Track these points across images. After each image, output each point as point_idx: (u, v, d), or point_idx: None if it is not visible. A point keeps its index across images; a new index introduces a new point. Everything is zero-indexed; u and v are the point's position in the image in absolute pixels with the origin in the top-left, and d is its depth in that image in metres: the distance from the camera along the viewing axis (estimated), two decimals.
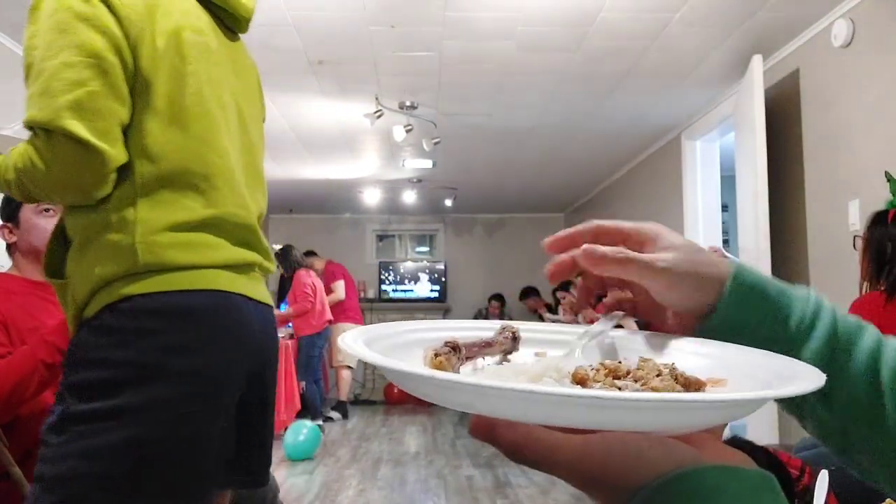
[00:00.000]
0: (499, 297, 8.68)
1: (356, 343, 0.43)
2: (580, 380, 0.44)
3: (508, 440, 0.38)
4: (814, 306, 0.53)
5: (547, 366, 0.45)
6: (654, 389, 0.42)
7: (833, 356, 0.52)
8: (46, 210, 1.95)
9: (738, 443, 1.89)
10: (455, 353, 0.46)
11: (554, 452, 0.37)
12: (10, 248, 2.00)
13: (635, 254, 0.50)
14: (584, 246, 0.50)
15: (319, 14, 3.26)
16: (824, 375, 0.41)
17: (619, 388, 0.42)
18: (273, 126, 5.05)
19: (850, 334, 0.53)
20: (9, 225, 1.99)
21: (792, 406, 0.54)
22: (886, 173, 2.86)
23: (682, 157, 5.12)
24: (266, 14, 3.24)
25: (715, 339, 0.51)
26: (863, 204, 3.06)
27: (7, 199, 2.00)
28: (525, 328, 0.53)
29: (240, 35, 1.52)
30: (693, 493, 0.35)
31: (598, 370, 0.45)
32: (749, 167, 3.70)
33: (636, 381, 0.43)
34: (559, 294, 7.16)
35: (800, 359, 0.48)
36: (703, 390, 0.44)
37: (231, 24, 1.47)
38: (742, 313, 0.52)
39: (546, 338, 0.54)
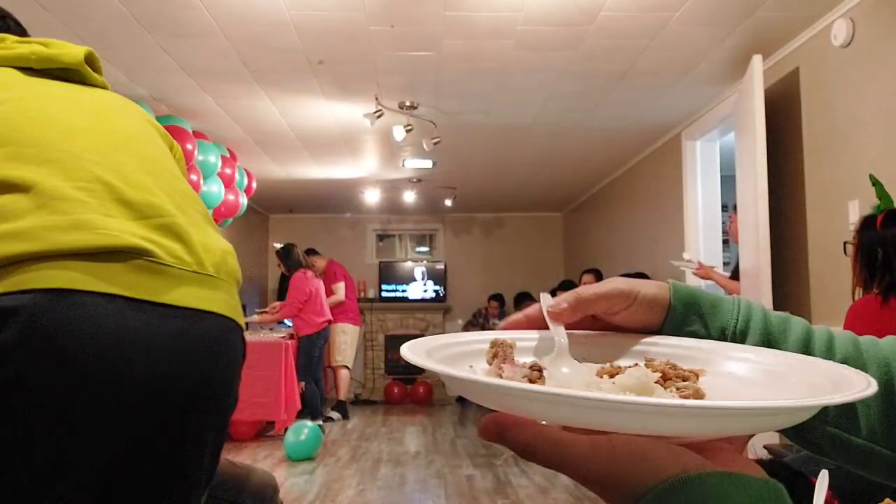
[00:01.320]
0: (498, 297, 8.67)
1: (415, 355, 0.44)
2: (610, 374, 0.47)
3: (520, 440, 0.39)
4: (744, 309, 0.57)
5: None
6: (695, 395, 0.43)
7: (769, 343, 0.55)
8: None
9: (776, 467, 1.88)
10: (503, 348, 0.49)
11: (564, 450, 0.38)
12: None
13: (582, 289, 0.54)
14: (574, 297, 0.54)
15: (319, 14, 3.26)
16: (874, 381, 0.41)
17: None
18: (273, 126, 5.06)
19: (782, 326, 0.56)
20: None
21: None
22: (871, 176, 2.86)
23: (682, 156, 5.12)
24: (266, 14, 3.24)
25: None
26: (862, 204, 3.06)
27: None
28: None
29: (105, 86, 1.25)
30: (694, 499, 0.36)
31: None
32: (749, 167, 3.69)
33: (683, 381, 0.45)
34: (559, 293, 7.17)
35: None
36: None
37: (72, 77, 1.21)
38: (687, 325, 0.56)
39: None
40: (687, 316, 0.56)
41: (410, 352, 0.45)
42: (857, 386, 0.40)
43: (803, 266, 3.62)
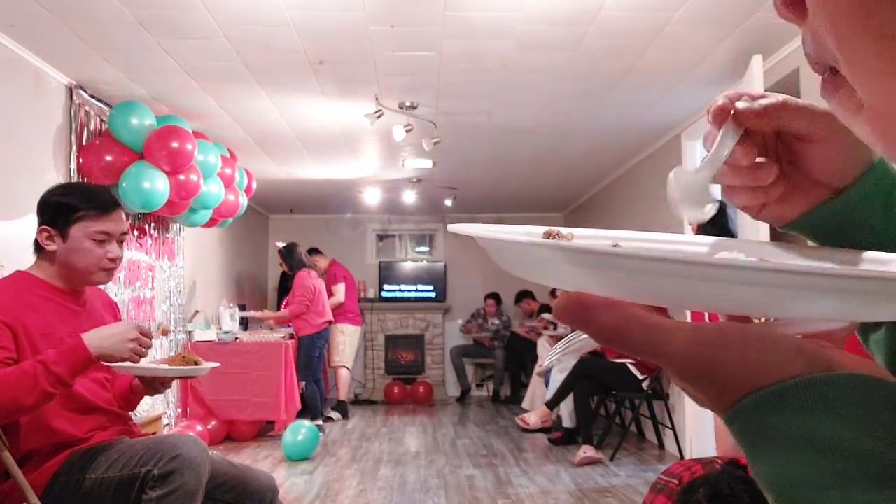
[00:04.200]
0: (494, 296, 8.65)
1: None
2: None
3: (609, 322, 0.33)
4: None
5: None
6: None
7: None
8: (101, 240, 1.95)
9: None
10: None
11: (662, 336, 0.33)
12: (41, 251, 1.98)
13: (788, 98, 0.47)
14: (773, 100, 0.47)
15: (319, 14, 3.26)
16: None
17: None
18: (273, 126, 5.05)
19: None
20: (52, 231, 1.96)
21: None
22: None
23: (682, 156, 5.12)
24: (266, 14, 3.24)
25: (824, 220, 0.49)
26: None
27: (59, 206, 1.97)
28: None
29: None
30: (822, 403, 0.31)
31: None
32: None
33: None
34: (558, 293, 7.16)
35: None
36: None
37: None
38: (872, 199, 0.48)
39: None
40: (875, 195, 0.47)
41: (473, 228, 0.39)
42: None
43: None
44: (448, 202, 7.84)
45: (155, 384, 1.94)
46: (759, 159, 0.49)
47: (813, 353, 0.32)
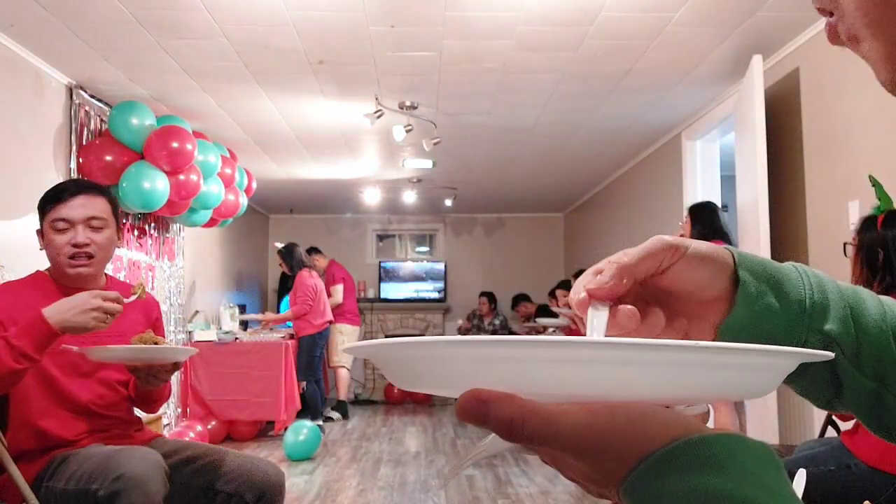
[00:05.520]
0: (487, 294, 8.63)
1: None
2: None
3: (504, 416, 0.35)
4: (810, 276, 0.55)
5: None
6: None
7: (853, 317, 0.54)
8: (62, 228, 1.90)
9: None
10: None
11: (555, 423, 0.35)
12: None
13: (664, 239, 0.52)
14: (614, 264, 0.50)
15: (319, 14, 3.26)
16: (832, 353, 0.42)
17: None
18: (273, 126, 5.05)
19: (854, 296, 0.55)
20: (40, 231, 1.97)
21: (831, 377, 0.55)
22: (870, 177, 2.85)
23: (682, 157, 5.12)
24: (266, 14, 3.24)
25: (736, 330, 0.52)
26: (863, 204, 3.06)
27: (38, 207, 1.97)
28: None
29: None
30: (700, 461, 0.34)
31: None
32: (749, 167, 3.69)
33: None
34: (558, 292, 7.15)
35: (822, 329, 0.52)
36: None
37: None
38: (761, 298, 0.52)
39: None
40: (759, 288, 0.52)
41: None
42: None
43: None
44: (448, 202, 7.84)
45: (141, 374, 1.85)
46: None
47: (687, 420, 0.36)
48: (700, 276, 0.51)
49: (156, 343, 1.80)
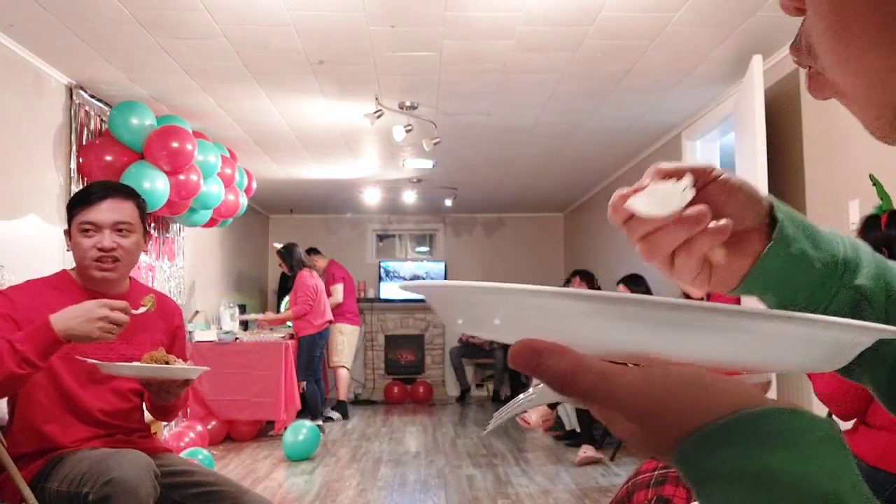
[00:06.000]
0: None
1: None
2: None
3: (557, 369, 0.35)
4: (845, 238, 0.55)
5: None
6: None
7: (884, 277, 0.54)
8: (87, 230, 1.92)
9: None
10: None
11: (610, 381, 0.34)
12: None
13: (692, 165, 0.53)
14: (654, 168, 0.54)
15: (319, 14, 3.26)
16: None
17: None
18: (273, 126, 5.05)
19: (883, 260, 0.56)
20: (67, 232, 1.98)
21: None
22: (871, 176, 2.85)
23: (682, 157, 5.12)
24: (266, 14, 3.24)
25: (770, 271, 0.53)
26: (863, 204, 3.06)
27: (67, 207, 1.98)
28: None
29: None
30: (759, 436, 0.33)
31: None
32: (749, 167, 3.69)
33: None
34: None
35: (854, 284, 0.52)
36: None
37: None
38: (797, 243, 0.53)
39: None
40: (796, 232, 0.53)
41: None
42: None
43: None
44: (448, 202, 7.84)
45: (153, 388, 1.85)
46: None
47: (748, 391, 0.35)
48: (733, 204, 0.52)
49: (167, 362, 1.80)
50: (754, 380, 0.48)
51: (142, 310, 1.80)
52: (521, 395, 0.50)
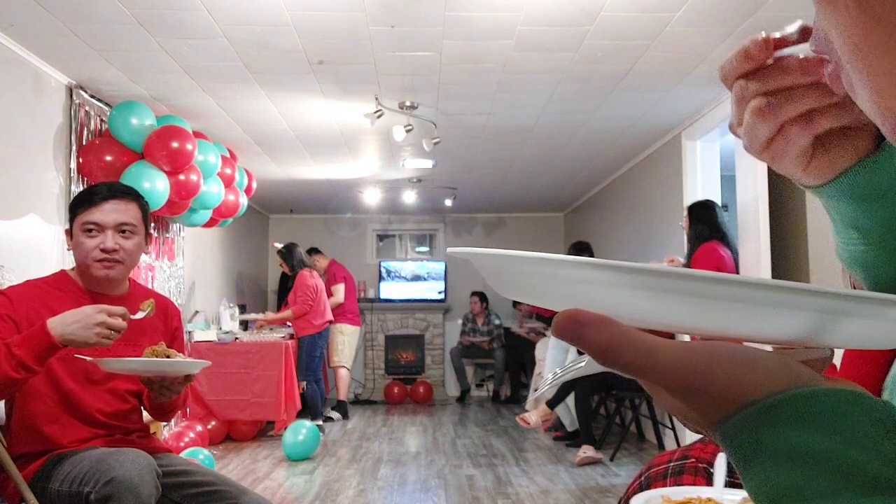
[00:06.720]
0: (479, 294, 8.63)
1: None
2: None
3: (601, 341, 0.34)
4: None
5: None
6: None
7: None
8: (90, 230, 1.92)
9: None
10: None
11: (653, 354, 0.34)
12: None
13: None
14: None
15: (319, 14, 3.26)
16: None
17: None
18: (273, 126, 5.05)
19: None
20: (68, 231, 1.97)
21: None
22: None
23: (682, 156, 5.12)
24: (266, 14, 3.24)
25: (876, 172, 0.49)
26: None
27: (69, 206, 1.98)
28: None
29: None
30: (808, 416, 0.32)
31: None
32: (749, 167, 3.70)
33: None
34: None
35: None
36: None
37: None
38: (880, 185, 0.50)
39: None
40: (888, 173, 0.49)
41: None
42: None
43: (803, 266, 3.62)
44: (448, 202, 7.84)
45: (154, 386, 1.85)
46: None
47: (798, 369, 0.34)
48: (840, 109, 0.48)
49: (168, 356, 1.79)
50: (812, 355, 0.44)
51: (140, 315, 1.79)
52: (571, 362, 0.50)
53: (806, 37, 0.47)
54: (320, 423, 6.09)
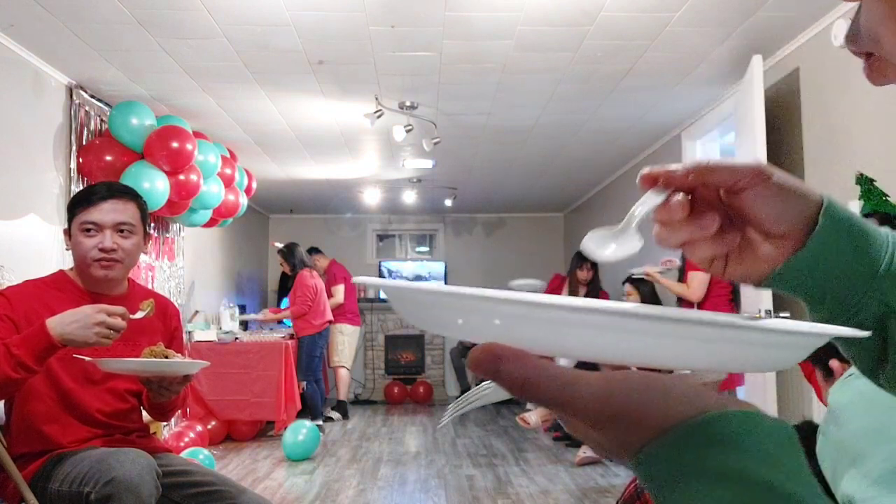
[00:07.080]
0: None
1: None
2: None
3: (518, 376, 0.34)
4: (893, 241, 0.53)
5: None
6: None
7: None
8: (89, 230, 1.92)
9: None
10: None
11: (572, 387, 0.34)
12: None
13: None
14: (695, 162, 0.51)
15: (319, 14, 3.26)
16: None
17: None
18: (273, 126, 5.05)
19: None
20: (67, 231, 1.97)
21: (880, 347, 0.53)
22: (858, 175, 2.84)
23: (682, 157, 5.12)
24: (266, 14, 3.24)
25: (798, 273, 0.52)
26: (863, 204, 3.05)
27: (68, 207, 1.98)
28: None
29: None
30: (718, 438, 0.33)
31: None
32: None
33: None
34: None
35: (887, 301, 0.51)
36: None
37: None
38: (834, 254, 0.51)
39: None
40: (839, 238, 0.51)
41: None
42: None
43: None
44: (448, 202, 7.84)
45: (153, 386, 1.85)
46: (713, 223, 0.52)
47: (708, 395, 0.35)
48: (776, 209, 0.51)
49: (166, 356, 1.78)
50: (707, 378, 0.47)
51: (140, 314, 1.79)
52: (473, 390, 0.50)
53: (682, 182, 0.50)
54: (320, 423, 6.09)
